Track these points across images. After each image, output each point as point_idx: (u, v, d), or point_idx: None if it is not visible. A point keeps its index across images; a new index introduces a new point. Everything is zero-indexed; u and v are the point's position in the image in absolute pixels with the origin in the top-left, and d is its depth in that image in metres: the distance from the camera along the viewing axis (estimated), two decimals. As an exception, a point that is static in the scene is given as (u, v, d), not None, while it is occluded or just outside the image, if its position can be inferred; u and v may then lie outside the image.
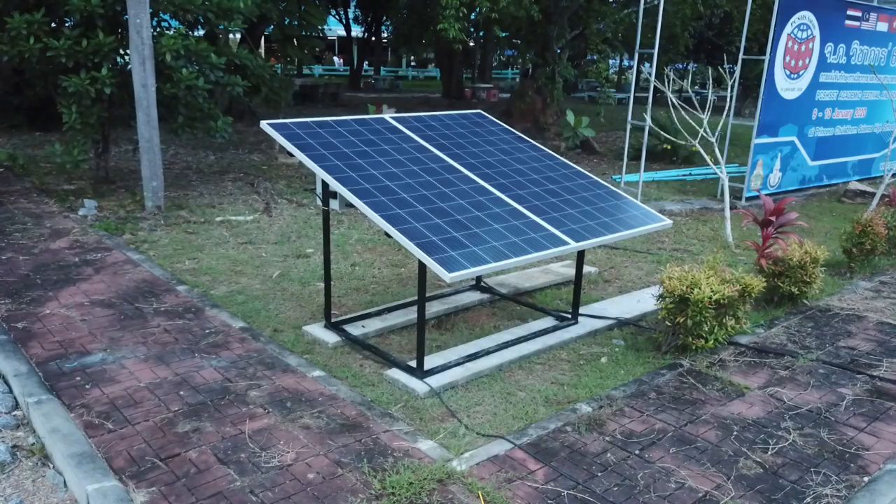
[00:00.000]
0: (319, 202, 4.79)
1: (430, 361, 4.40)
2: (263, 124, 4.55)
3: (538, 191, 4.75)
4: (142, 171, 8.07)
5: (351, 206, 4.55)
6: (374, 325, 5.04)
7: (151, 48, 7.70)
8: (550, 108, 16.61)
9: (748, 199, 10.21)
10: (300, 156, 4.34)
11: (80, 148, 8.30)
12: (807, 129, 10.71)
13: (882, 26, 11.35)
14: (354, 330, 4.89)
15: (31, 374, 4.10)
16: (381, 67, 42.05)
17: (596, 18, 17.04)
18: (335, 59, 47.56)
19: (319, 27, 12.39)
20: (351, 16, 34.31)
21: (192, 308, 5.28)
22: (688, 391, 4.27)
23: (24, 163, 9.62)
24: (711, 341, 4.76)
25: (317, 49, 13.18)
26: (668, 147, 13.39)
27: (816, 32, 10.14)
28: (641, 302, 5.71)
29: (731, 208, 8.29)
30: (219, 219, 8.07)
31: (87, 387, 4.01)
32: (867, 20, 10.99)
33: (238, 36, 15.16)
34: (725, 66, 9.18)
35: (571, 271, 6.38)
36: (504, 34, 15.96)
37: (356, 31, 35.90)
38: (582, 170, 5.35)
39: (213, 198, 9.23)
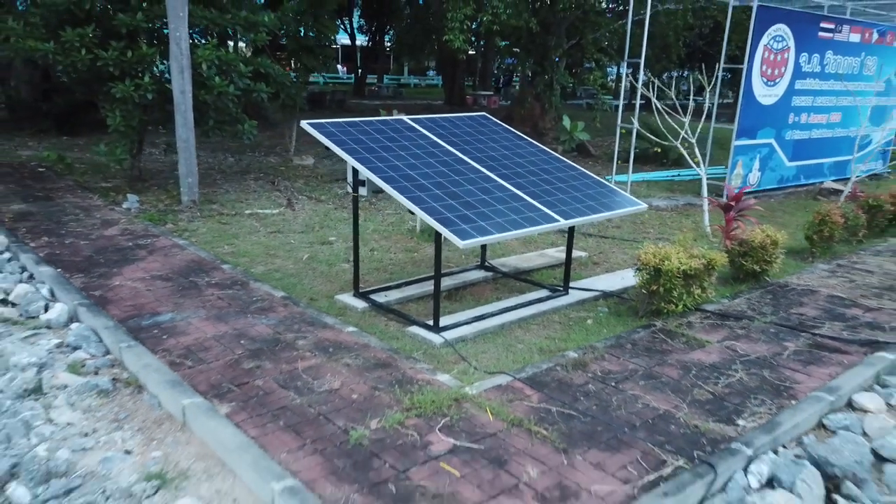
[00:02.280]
0: (350, 189, 5.65)
1: (444, 321, 5.28)
2: (304, 124, 5.44)
3: (534, 179, 5.64)
4: (179, 169, 8.97)
5: (377, 191, 5.43)
6: (394, 295, 5.92)
7: (189, 58, 8.60)
8: (548, 114, 17.54)
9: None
10: (335, 149, 5.24)
11: (122, 148, 9.20)
12: (784, 133, 11.62)
13: (855, 37, 12.27)
14: (379, 298, 5.78)
15: (117, 327, 4.99)
16: (385, 75, 43.07)
17: (592, 29, 17.99)
18: (339, 67, 48.56)
19: (332, 37, 13.29)
20: (356, 25, 35.34)
21: (238, 281, 6.17)
22: (658, 344, 5.14)
23: (70, 162, 10.50)
24: (681, 306, 5.63)
25: (330, 58, 14.05)
26: (659, 150, 14.28)
27: (791, 43, 11.05)
28: (625, 279, 6.58)
29: (690, 204, 9.16)
30: (248, 212, 8.96)
31: (164, 337, 4.89)
32: (840, 32, 11.91)
33: (243, 44, 16.05)
34: (703, 74, 10.06)
35: (557, 255, 7.25)
36: (505, 43, 16.89)
37: (360, 39, 36.93)
38: (572, 163, 6.24)
39: (239, 194, 10.12)
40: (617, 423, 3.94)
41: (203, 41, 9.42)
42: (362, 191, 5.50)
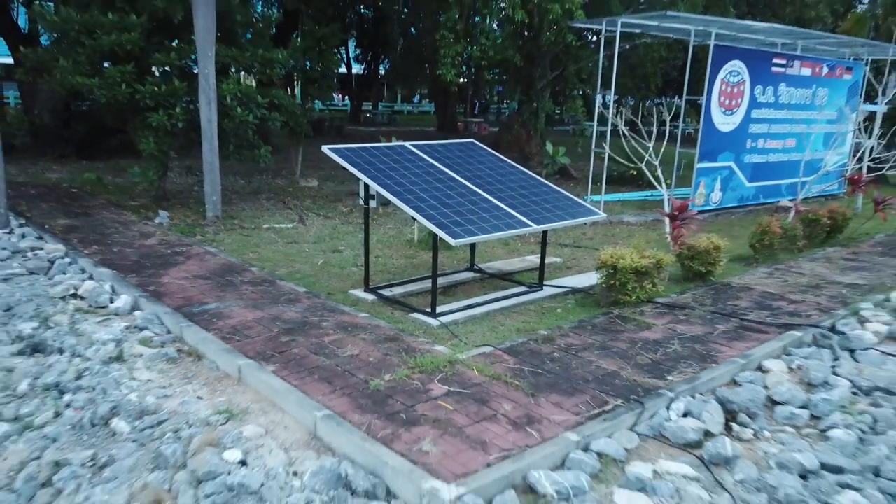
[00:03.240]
0: (361, 201, 6.85)
1: (439, 309, 6.45)
2: (325, 149, 6.66)
3: (513, 193, 6.87)
4: (204, 188, 10.16)
5: (385, 203, 6.60)
6: (398, 290, 7.10)
7: (215, 92, 9.84)
8: (534, 139, 18.88)
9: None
10: (351, 168, 6.45)
11: (153, 170, 10.39)
12: (742, 156, 12.94)
13: (806, 71, 13.68)
14: (385, 292, 6.96)
15: (174, 313, 6.15)
16: (379, 102, 44.60)
17: (574, 61, 19.41)
18: (334, 95, 50.05)
19: (335, 70, 14.59)
20: (352, 55, 36.85)
21: (266, 280, 7.34)
22: (613, 326, 6.34)
23: (106, 183, 11.67)
24: (634, 298, 6.83)
25: (331, 88, 15.35)
26: (635, 172, 15.58)
27: (746, 77, 12.42)
28: (591, 279, 7.77)
29: (657, 220, 10.41)
30: (265, 226, 10.15)
31: (213, 320, 6.05)
32: (792, 67, 13.31)
33: (243, 74, 17.36)
34: (665, 105, 11.36)
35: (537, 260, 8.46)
36: (494, 72, 18.22)
37: (356, 68, 38.43)
38: (544, 180, 7.48)
39: (255, 211, 11.31)
40: (574, 378, 5.12)
41: (232, 77, 10.65)
42: (372, 203, 6.68)
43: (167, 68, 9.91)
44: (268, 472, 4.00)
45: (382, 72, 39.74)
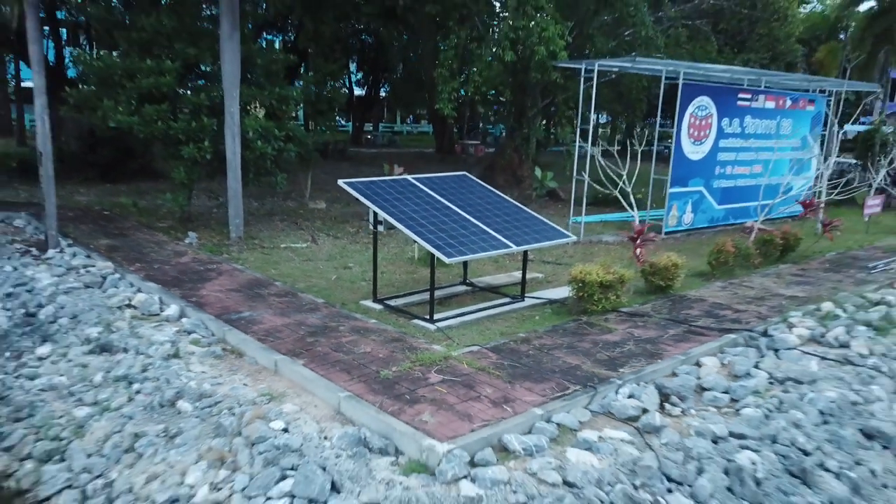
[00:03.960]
0: (371, 226, 8.14)
1: (436, 316, 7.72)
2: (340, 182, 7.96)
3: (497, 219, 8.17)
4: (229, 211, 11.46)
5: (390, 228, 7.89)
6: (401, 301, 8.37)
7: (239, 127, 11.17)
8: (526, 163, 20.22)
9: (667, 232, 13.67)
10: (363, 199, 7.75)
11: (183, 196, 11.69)
12: (712, 182, 14.28)
13: (770, 104, 15.06)
14: (391, 302, 8.23)
15: (217, 319, 7.42)
16: (380, 123, 46.11)
17: (563, 91, 20.80)
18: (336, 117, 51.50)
19: (342, 102, 15.93)
20: (354, 79, 38.35)
21: (289, 292, 8.61)
22: (580, 330, 7.61)
23: (141, 207, 12.97)
24: (600, 307, 8.10)
25: (334, 119, 16.70)
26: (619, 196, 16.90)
27: (714, 111, 13.79)
28: (565, 292, 9.05)
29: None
30: (283, 245, 11.44)
31: (249, 325, 7.32)
32: (756, 100, 14.69)
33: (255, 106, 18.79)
34: (647, 126, 12.66)
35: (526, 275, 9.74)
36: (487, 102, 19.57)
37: (357, 91, 39.93)
38: (526, 208, 8.78)
39: (271, 232, 12.60)
40: (544, 370, 6.38)
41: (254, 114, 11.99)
42: (380, 228, 7.96)
43: (198, 107, 11.24)
44: (305, 437, 5.25)
45: (383, 94, 41.26)
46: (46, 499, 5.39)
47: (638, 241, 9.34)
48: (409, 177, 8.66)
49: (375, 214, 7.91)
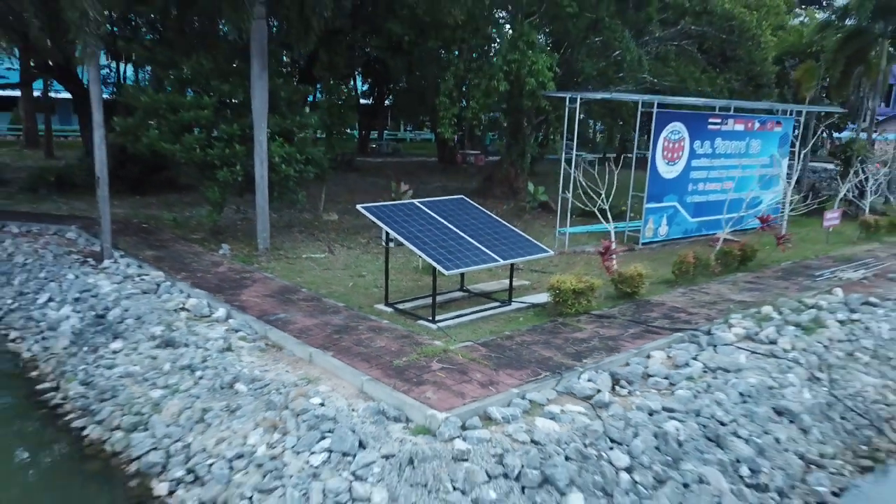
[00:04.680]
0: (383, 243, 9.80)
1: (438, 317, 9.37)
2: (359, 207, 9.63)
3: (488, 237, 9.83)
4: (257, 226, 13.12)
5: (399, 244, 9.55)
6: (408, 304, 10.03)
7: (266, 153, 12.83)
8: (521, 177, 21.87)
9: (644, 243, 15.30)
10: (377, 221, 9.41)
11: (216, 212, 13.37)
12: (685, 198, 15.91)
13: (739, 127, 16.69)
14: (400, 306, 9.89)
15: (258, 319, 9.09)
16: (384, 130, 47.75)
17: (554, 109, 22.45)
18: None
19: (353, 125, 17.59)
20: (359, 90, 39.99)
21: (314, 298, 10.28)
22: (556, 329, 9.26)
23: (181, 222, 14.66)
24: (574, 311, 9.74)
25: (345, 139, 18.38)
26: (605, 208, 18.54)
27: (686, 134, 15.43)
28: (546, 298, 10.70)
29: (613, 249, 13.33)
30: (304, 256, 13.11)
31: (285, 325, 8.98)
32: (726, 124, 16.32)
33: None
34: (612, 156, 14.30)
35: (514, 283, 11.40)
36: (484, 125, 21.17)
37: (363, 101, 41.54)
38: (510, 226, 10.45)
39: (292, 243, 14.28)
40: (523, 360, 8.04)
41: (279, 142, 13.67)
42: (391, 244, 9.62)
43: (230, 136, 12.92)
44: (337, 409, 6.92)
45: (388, 102, 42.84)
46: (137, 457, 7.07)
47: (605, 256, 10.99)
48: (415, 201, 10.33)
49: (387, 233, 9.58)
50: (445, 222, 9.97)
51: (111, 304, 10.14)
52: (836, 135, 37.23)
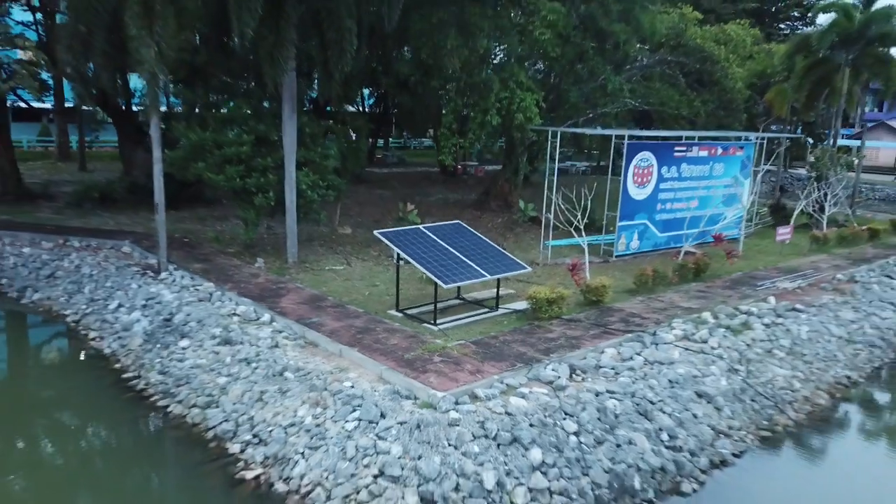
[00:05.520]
0: (395, 261, 12.22)
1: (439, 321, 11.78)
2: (376, 233, 12.05)
3: (479, 256, 12.24)
4: (287, 242, 15.54)
5: (407, 262, 11.96)
6: (415, 310, 12.45)
7: (295, 181, 15.24)
8: (515, 192, 24.27)
9: (617, 256, 17.69)
10: (389, 244, 11.83)
11: (252, 231, 15.80)
12: (654, 215, 18.30)
13: (703, 153, 19.06)
14: (408, 311, 12.32)
15: (297, 323, 11.53)
16: (390, 138, 50.15)
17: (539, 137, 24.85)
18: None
19: (366, 150, 19.98)
20: (367, 103, 42.39)
21: (339, 305, 12.71)
22: (532, 330, 11.66)
23: (219, 238, 17.10)
24: (547, 316, 12.14)
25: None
26: (588, 223, 20.91)
27: (654, 161, 17.80)
28: (526, 305, 13.10)
29: (589, 262, 15.73)
30: (327, 268, 15.54)
31: (318, 327, 11.41)
32: (691, 151, 18.70)
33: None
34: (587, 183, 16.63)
35: (503, 292, 13.81)
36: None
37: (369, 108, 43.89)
38: (497, 246, 12.86)
39: (315, 256, 16.70)
40: (503, 355, 10.45)
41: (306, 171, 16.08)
42: (401, 262, 12.01)
43: (265, 168, 15.34)
44: (363, 390, 9.34)
45: (393, 113, 45.19)
46: (213, 427, 9.50)
47: (573, 271, 13.41)
48: (420, 227, 12.77)
49: (398, 253, 11.99)
50: (444, 244, 12.39)
51: (175, 310, 12.58)
52: (820, 144, 39.69)
